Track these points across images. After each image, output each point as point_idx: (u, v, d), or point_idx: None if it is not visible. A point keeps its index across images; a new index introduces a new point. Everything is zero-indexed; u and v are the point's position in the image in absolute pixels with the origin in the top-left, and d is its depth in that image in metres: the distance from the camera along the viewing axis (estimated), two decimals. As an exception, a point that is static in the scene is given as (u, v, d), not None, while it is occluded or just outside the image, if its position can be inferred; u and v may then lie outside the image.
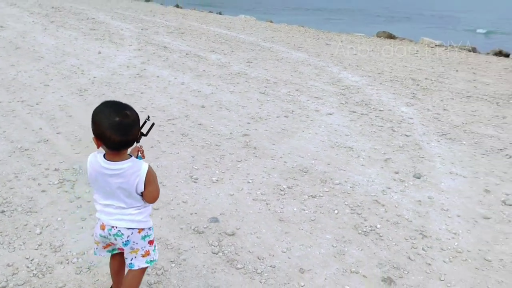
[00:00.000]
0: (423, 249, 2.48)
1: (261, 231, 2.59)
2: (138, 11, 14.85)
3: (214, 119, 4.50)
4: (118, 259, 1.91)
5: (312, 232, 2.60)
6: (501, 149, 4.04)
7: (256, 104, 5.04)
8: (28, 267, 2.19)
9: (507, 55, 10.40)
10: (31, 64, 6.42)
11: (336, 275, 2.23)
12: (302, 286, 2.14)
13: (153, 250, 1.82)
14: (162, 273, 2.19)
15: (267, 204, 2.89)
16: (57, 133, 3.90)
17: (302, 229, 2.62)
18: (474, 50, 10.78)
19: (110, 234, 1.73)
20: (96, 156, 1.67)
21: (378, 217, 2.80)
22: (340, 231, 2.61)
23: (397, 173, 3.46)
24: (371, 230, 2.65)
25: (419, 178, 3.38)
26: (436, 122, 4.75)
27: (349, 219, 2.75)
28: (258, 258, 2.33)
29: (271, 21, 15.72)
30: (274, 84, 5.97)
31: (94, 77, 5.89)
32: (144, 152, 1.81)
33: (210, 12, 18.12)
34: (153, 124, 1.81)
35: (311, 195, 3.02)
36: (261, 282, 2.16)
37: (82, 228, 2.52)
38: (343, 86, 6.13)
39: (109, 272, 1.97)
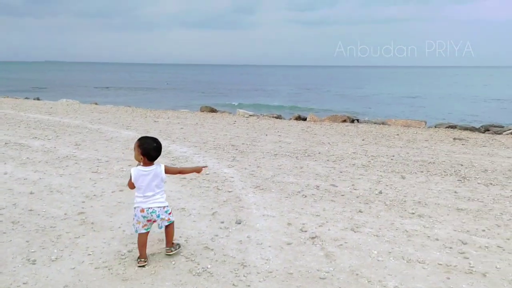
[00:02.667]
0: (244, 275, 3.11)
1: (106, 292, 2.85)
2: None
3: (46, 203, 4.53)
4: (144, 237, 3.25)
5: (153, 283, 2.98)
6: (299, 191, 5.16)
7: (90, 183, 5.24)
8: None
9: (304, 119, 12.84)
10: None
11: (176, 311, 2.65)
12: (148, 327, 2.49)
13: (171, 216, 3.33)
14: None
15: (109, 269, 3.16)
16: None
17: (144, 283, 2.98)
18: (279, 117, 12.96)
19: (148, 213, 3.19)
20: (136, 167, 3.20)
21: (208, 259, 3.35)
22: (177, 277, 3.07)
23: (222, 222, 4.13)
24: (203, 270, 3.17)
25: (240, 223, 4.11)
26: (252, 178, 5.73)
27: (185, 266, 3.23)
28: (106, 315, 2.60)
29: (96, 103, 15.84)
30: (106, 163, 6.24)
31: None
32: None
33: (26, 98, 17.18)
34: None
35: (151, 254, 3.41)
36: (110, 333, 2.43)
37: None
38: (173, 157, 6.78)
39: None
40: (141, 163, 3.20)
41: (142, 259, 3.21)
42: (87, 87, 39.28)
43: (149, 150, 3.18)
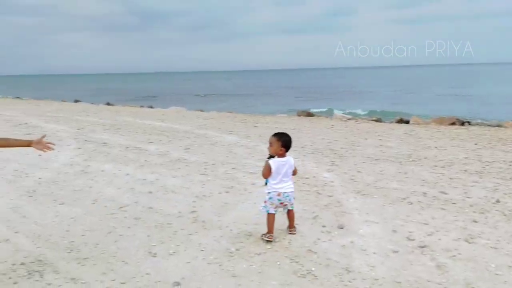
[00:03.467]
0: (349, 281, 3.10)
1: (218, 287, 3.06)
2: (70, 112, 15.25)
3: (162, 202, 4.99)
4: (273, 217, 3.82)
5: (261, 281, 3.13)
6: (404, 198, 4.95)
7: (199, 185, 5.64)
8: None
9: (407, 122, 12.22)
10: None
11: (283, 310, 2.75)
12: (258, 322, 2.62)
13: (294, 202, 3.94)
14: (139, 331, 2.56)
15: (220, 265, 3.39)
16: (16, 232, 4.14)
17: (252, 281, 3.14)
18: (379, 120, 12.51)
19: (284, 197, 3.79)
20: (275, 159, 3.76)
21: (312, 262, 3.41)
22: (283, 277, 3.17)
23: (324, 226, 4.15)
24: (307, 273, 3.24)
25: (342, 228, 4.10)
26: (352, 183, 5.64)
27: (289, 267, 3.32)
28: (219, 308, 2.80)
29: (201, 110, 16.89)
30: (212, 166, 6.66)
31: (40, 178, 6.16)
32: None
33: (141, 106, 19.01)
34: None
35: (257, 253, 3.58)
36: (224, 325, 2.61)
37: (60, 307, 2.82)
38: (273, 161, 6.96)
39: None
40: (273, 155, 3.82)
41: (271, 235, 3.81)
42: (191, 95, 42.14)
43: (287, 142, 3.83)
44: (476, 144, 8.01)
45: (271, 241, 3.75)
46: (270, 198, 3.80)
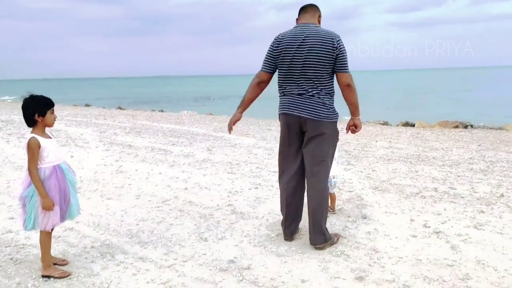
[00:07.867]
0: (377, 258, 3.65)
1: (266, 264, 3.61)
2: (87, 116, 15.80)
3: (200, 197, 5.54)
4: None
5: (302, 260, 3.67)
6: (417, 193, 5.50)
7: (229, 182, 6.19)
8: (112, 307, 2.99)
9: (412, 125, 12.78)
10: (15, 173, 7.07)
11: (326, 281, 3.30)
12: (306, 289, 3.17)
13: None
14: (209, 296, 3.11)
15: (264, 247, 3.93)
16: (76, 222, 4.67)
17: (294, 259, 3.69)
18: (386, 123, 13.07)
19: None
20: None
21: (343, 245, 3.95)
22: (321, 256, 3.72)
23: (349, 217, 4.70)
24: (341, 253, 3.78)
25: (365, 218, 4.65)
26: (369, 180, 6.20)
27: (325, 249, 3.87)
28: (271, 279, 3.34)
29: (211, 113, 17.44)
30: (237, 165, 7.21)
31: (80, 177, 6.69)
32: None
33: (153, 110, 19.59)
34: None
35: (299, 237, 4.12)
36: (278, 292, 3.16)
37: (137, 280, 3.37)
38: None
39: None
40: None
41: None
42: (195, 99, 42.82)
43: None
44: (479, 145, 8.57)
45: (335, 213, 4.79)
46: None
